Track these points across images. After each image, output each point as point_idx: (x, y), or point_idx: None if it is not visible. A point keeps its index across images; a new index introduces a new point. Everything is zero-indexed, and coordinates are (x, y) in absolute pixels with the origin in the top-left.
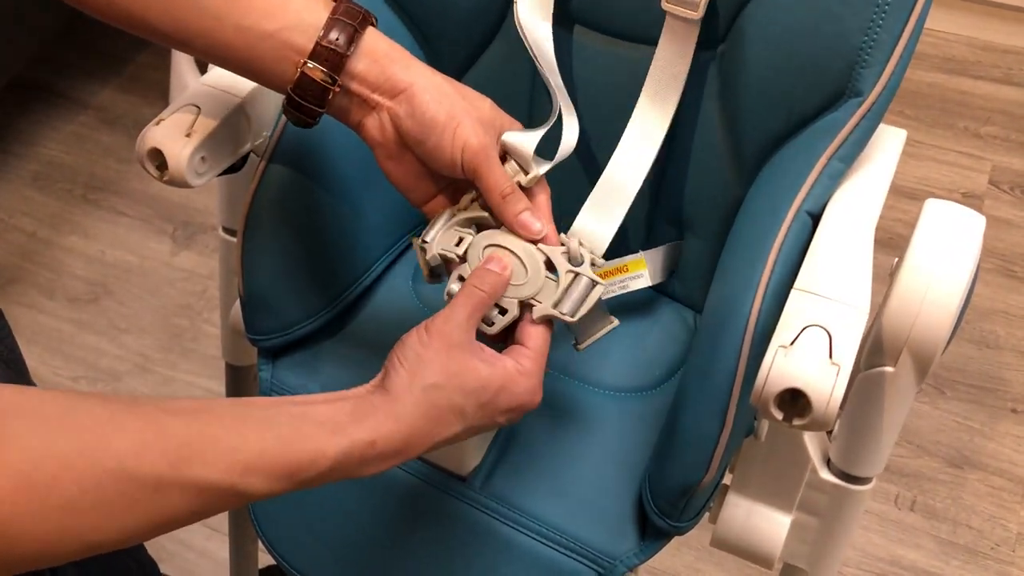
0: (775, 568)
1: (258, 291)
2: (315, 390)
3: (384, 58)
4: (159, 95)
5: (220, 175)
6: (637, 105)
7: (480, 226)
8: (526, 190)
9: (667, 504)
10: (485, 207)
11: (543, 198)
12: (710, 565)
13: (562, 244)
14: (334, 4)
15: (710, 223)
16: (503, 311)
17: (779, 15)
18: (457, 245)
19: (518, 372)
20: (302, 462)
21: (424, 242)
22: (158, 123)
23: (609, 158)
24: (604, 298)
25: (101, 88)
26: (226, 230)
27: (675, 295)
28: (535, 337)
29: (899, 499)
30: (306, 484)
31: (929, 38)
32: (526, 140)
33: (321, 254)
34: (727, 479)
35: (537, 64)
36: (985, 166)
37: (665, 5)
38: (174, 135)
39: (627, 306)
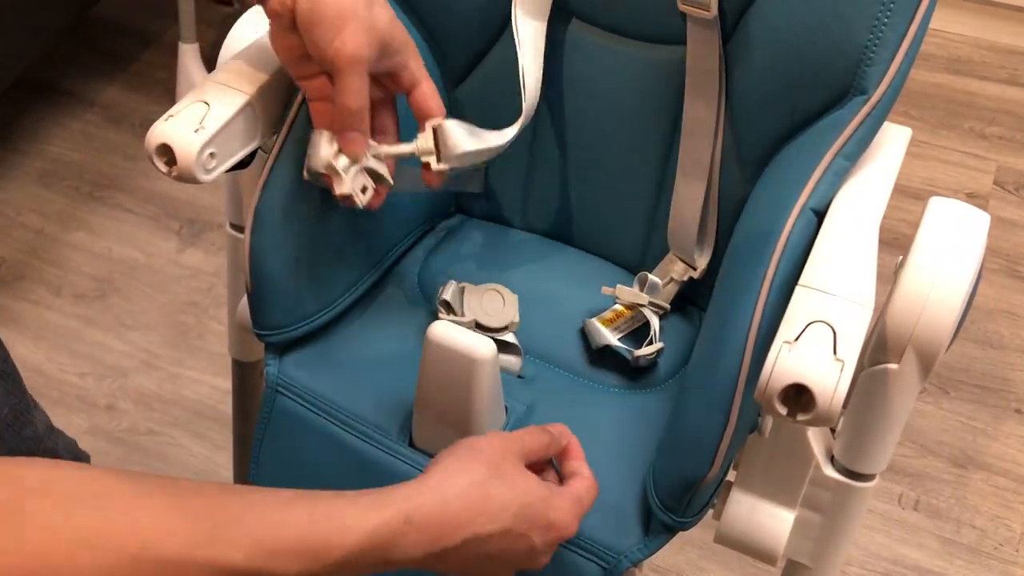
0: (778, 565)
1: (265, 287)
2: (321, 386)
3: None
4: (165, 93)
5: (228, 171)
6: (685, 104)
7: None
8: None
9: (671, 500)
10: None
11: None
12: (713, 563)
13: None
14: None
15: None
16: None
17: (785, 13)
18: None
19: (562, 490)
20: (331, 540)
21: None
22: (167, 119)
23: (610, 157)
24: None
25: (107, 86)
26: (233, 226)
27: (681, 293)
28: (580, 479)
29: (903, 499)
30: (340, 566)
31: (935, 39)
32: (462, 139)
33: (328, 251)
34: (731, 476)
35: (519, 64)
36: (990, 167)
37: (683, 7)
38: (183, 130)
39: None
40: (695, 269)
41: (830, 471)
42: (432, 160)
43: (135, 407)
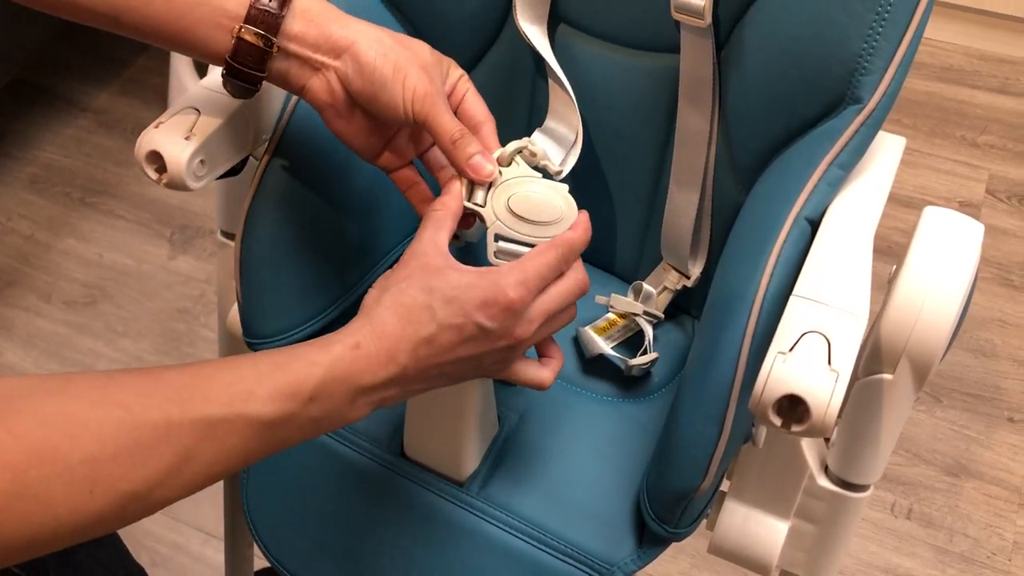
0: (772, 575)
1: (255, 295)
2: None
3: (319, 17)
4: (158, 98)
5: (219, 178)
6: (679, 113)
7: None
8: (470, 124)
9: (664, 510)
10: (530, 162)
11: (489, 127)
12: (706, 572)
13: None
14: None
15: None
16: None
17: (780, 22)
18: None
19: (495, 275)
20: (299, 376)
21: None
22: (157, 126)
23: (604, 165)
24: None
25: (100, 91)
26: (224, 234)
27: (674, 301)
28: (535, 257)
29: (896, 507)
30: (313, 401)
31: (927, 47)
32: (553, 150)
33: (319, 259)
34: (725, 486)
35: (550, 69)
36: (982, 175)
37: (676, 15)
38: (173, 138)
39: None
40: (688, 278)
41: (824, 481)
42: (549, 164)
43: None
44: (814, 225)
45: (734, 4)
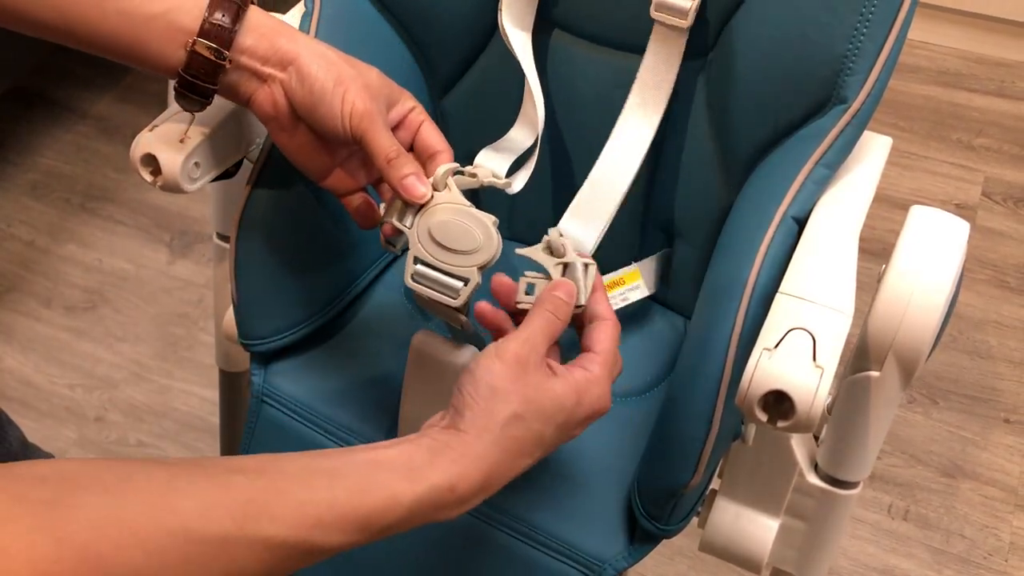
0: (763, 573)
1: (250, 296)
2: (306, 396)
3: (270, 32)
4: (157, 105)
5: (214, 181)
6: (623, 111)
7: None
8: (427, 154)
9: (655, 507)
10: (468, 184)
11: (445, 157)
12: (704, 574)
13: (545, 240)
14: None
15: (699, 230)
16: (464, 280)
17: (766, 24)
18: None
19: (588, 380)
20: (376, 510)
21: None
22: (152, 129)
23: (592, 164)
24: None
25: (100, 98)
26: (220, 236)
27: (665, 301)
28: (603, 340)
29: (892, 508)
30: (384, 532)
31: (923, 51)
32: (501, 164)
33: (314, 259)
34: (715, 483)
35: (526, 76)
36: (978, 178)
37: (655, 14)
38: (168, 140)
39: (618, 312)
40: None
41: (814, 479)
42: (495, 181)
43: (124, 418)
44: (801, 224)
45: (721, 7)
